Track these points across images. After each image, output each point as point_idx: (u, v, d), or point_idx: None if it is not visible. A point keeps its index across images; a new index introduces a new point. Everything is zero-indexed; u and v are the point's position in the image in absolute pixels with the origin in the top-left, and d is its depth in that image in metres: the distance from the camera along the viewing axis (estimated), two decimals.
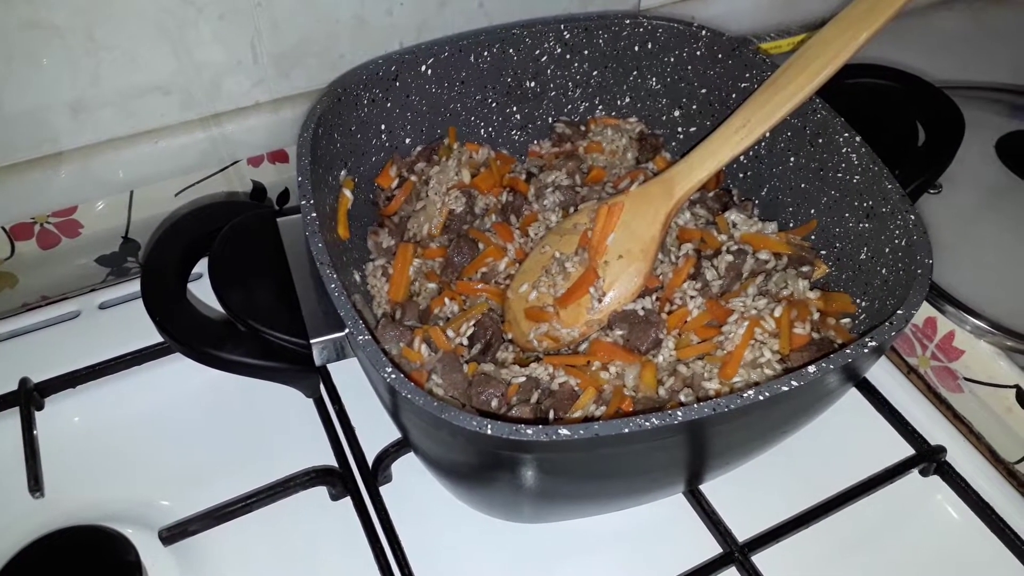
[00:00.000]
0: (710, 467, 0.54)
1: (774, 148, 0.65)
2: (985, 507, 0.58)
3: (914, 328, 0.68)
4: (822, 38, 0.56)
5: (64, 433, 0.61)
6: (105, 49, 0.61)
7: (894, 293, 0.53)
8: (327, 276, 0.48)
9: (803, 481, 0.59)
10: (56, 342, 0.65)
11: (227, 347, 0.54)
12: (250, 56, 0.66)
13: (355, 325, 0.46)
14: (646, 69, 0.70)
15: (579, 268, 0.59)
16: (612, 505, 0.56)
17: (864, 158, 0.57)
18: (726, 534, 0.56)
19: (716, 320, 0.56)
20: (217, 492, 0.57)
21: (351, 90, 0.61)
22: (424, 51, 0.64)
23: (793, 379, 0.43)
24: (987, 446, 0.64)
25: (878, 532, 0.58)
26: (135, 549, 0.53)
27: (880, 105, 0.71)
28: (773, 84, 0.57)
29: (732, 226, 0.62)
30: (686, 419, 0.41)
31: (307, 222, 0.51)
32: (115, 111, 0.65)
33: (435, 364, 0.54)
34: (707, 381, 0.53)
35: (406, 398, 0.42)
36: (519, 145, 0.72)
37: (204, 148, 0.70)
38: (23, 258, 0.70)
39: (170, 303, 0.56)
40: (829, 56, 0.55)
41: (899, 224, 0.54)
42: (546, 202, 0.64)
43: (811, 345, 0.53)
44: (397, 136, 0.66)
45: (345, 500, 0.58)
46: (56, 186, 0.66)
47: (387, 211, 0.66)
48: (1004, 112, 0.83)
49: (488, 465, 0.47)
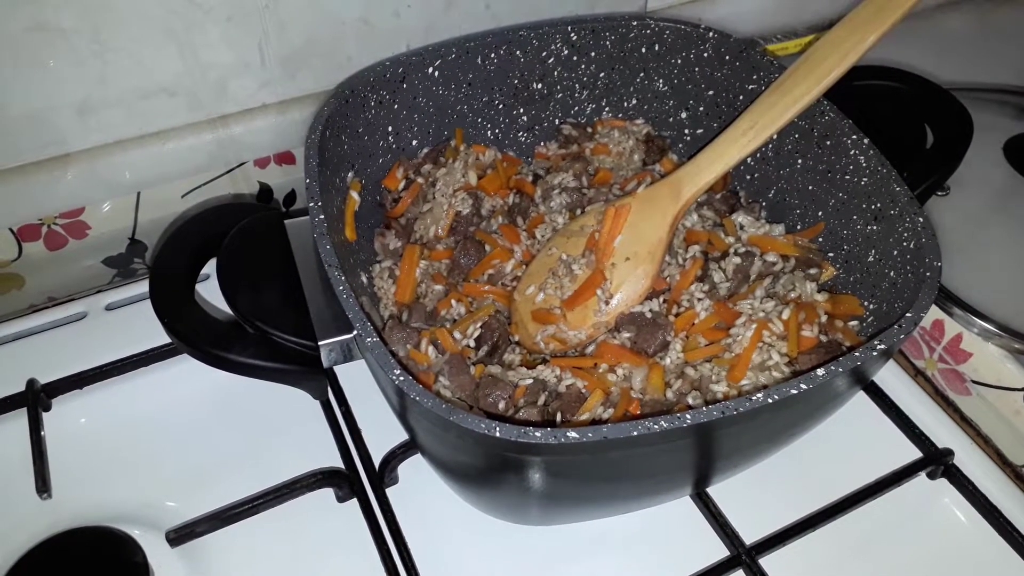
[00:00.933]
0: (718, 470, 0.54)
1: (782, 150, 0.65)
2: (993, 510, 0.58)
3: (922, 331, 0.67)
4: (830, 40, 0.56)
5: (71, 434, 0.61)
6: (111, 51, 0.61)
7: (902, 296, 0.53)
8: (335, 278, 0.48)
9: (810, 484, 0.59)
10: (63, 343, 0.66)
11: (235, 348, 0.54)
12: (257, 58, 0.66)
13: (363, 327, 0.46)
14: (653, 71, 0.70)
15: (586, 270, 0.59)
16: (619, 508, 0.56)
17: (872, 160, 0.57)
18: (733, 537, 0.56)
19: (724, 322, 0.56)
20: (224, 493, 0.57)
21: (358, 92, 0.61)
22: (431, 53, 0.64)
23: (802, 382, 0.43)
24: (995, 449, 0.64)
25: (885, 535, 0.58)
26: (142, 550, 0.53)
27: (888, 107, 0.71)
28: (781, 86, 0.57)
29: (739, 228, 0.62)
30: (695, 422, 0.41)
31: (315, 224, 0.51)
32: (122, 113, 0.65)
33: (442, 366, 0.54)
34: (715, 384, 0.52)
35: (414, 400, 0.42)
36: (526, 147, 0.72)
37: (211, 150, 0.70)
38: (30, 259, 0.70)
39: (179, 304, 0.56)
40: (837, 58, 0.55)
41: (907, 226, 0.54)
42: (553, 204, 0.64)
43: (819, 348, 0.53)
44: (404, 138, 0.66)
45: (352, 502, 0.58)
46: (63, 187, 0.66)
47: (394, 213, 0.66)
48: (1012, 114, 0.83)
49: (496, 467, 0.47)
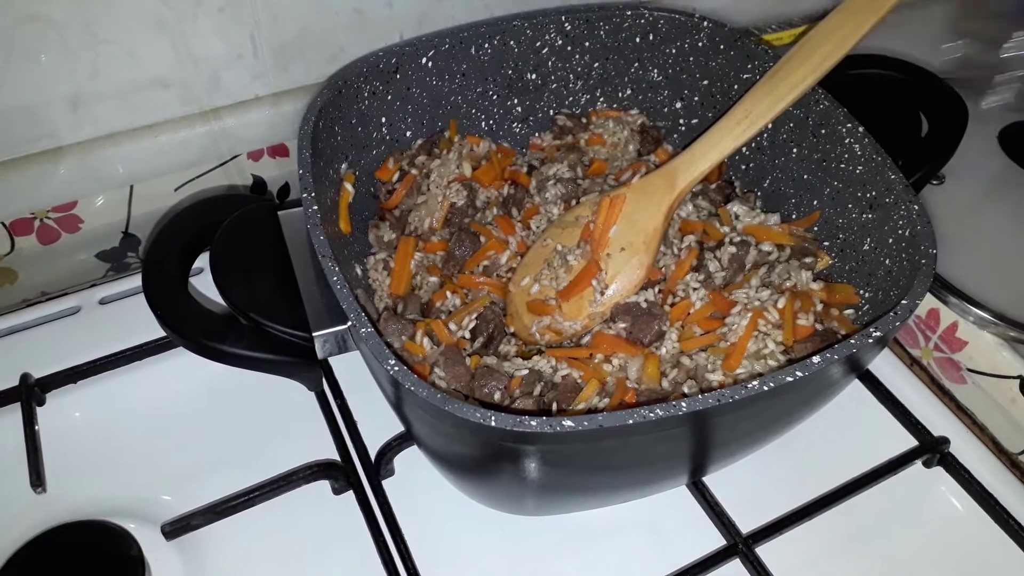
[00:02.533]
0: (713, 459, 0.54)
1: (776, 139, 0.65)
2: (989, 498, 0.58)
3: (917, 319, 0.67)
4: (824, 28, 0.56)
5: (66, 429, 0.60)
6: (103, 43, 0.60)
7: (898, 284, 0.53)
8: (329, 269, 0.48)
9: (806, 473, 0.59)
10: (57, 338, 0.65)
11: (229, 340, 0.54)
12: (250, 49, 0.66)
13: (358, 318, 0.46)
14: (647, 61, 0.70)
15: (581, 261, 0.59)
16: (615, 497, 0.56)
17: (867, 148, 0.57)
18: (730, 526, 0.56)
19: (719, 312, 0.56)
20: (219, 487, 0.56)
21: (351, 83, 0.61)
22: (424, 43, 0.63)
23: (797, 370, 0.43)
24: (991, 437, 0.64)
25: (881, 524, 0.58)
26: (138, 544, 0.53)
27: (883, 95, 0.71)
28: (775, 75, 0.57)
29: (735, 218, 0.62)
30: (690, 410, 0.41)
31: (309, 215, 0.51)
32: (114, 105, 0.64)
33: (438, 357, 0.54)
34: (711, 373, 0.52)
35: (409, 390, 0.42)
36: (520, 138, 0.72)
37: (204, 142, 0.69)
38: (23, 254, 0.70)
39: (172, 296, 0.56)
40: (831, 46, 0.55)
41: (903, 214, 0.54)
42: (548, 195, 0.64)
43: (815, 336, 0.53)
44: (398, 129, 0.66)
45: (348, 494, 0.58)
46: (55, 181, 0.66)
47: (388, 205, 0.65)
48: (1007, 103, 0.83)
49: (492, 457, 0.47)
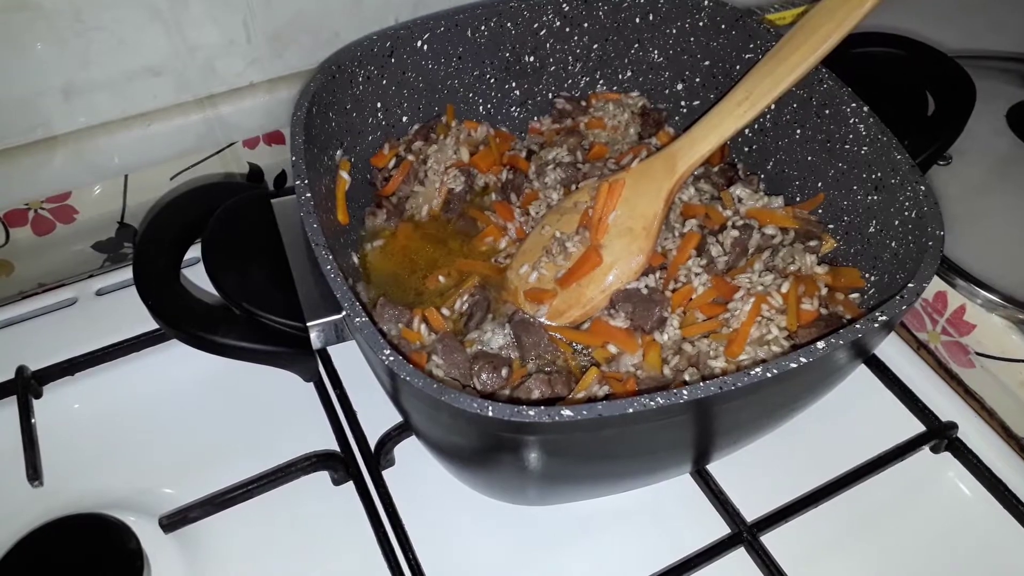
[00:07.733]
0: (717, 447, 0.53)
1: (779, 120, 0.63)
2: (998, 484, 0.57)
3: (924, 303, 0.66)
4: (826, 6, 0.55)
5: (63, 421, 0.60)
6: (94, 30, 0.59)
7: (904, 266, 0.52)
8: (323, 257, 0.47)
9: (812, 460, 0.58)
10: (53, 330, 0.65)
11: (222, 331, 0.53)
12: (243, 35, 0.65)
13: (352, 307, 0.45)
14: (648, 41, 0.69)
15: (580, 248, 0.58)
16: (618, 486, 0.55)
17: (872, 128, 0.56)
18: (734, 514, 0.55)
19: (722, 297, 0.55)
20: (218, 478, 0.56)
21: (345, 67, 0.60)
22: (420, 26, 0.62)
23: (801, 356, 0.42)
24: (1000, 422, 0.63)
25: (888, 511, 0.57)
26: (136, 536, 0.52)
27: (888, 74, 0.69)
28: (777, 55, 0.56)
29: (737, 201, 0.61)
30: (692, 398, 0.40)
31: (302, 202, 0.50)
32: (108, 94, 0.63)
33: (435, 345, 0.53)
34: (713, 359, 0.52)
35: (405, 380, 0.41)
36: (519, 122, 0.71)
37: (199, 131, 0.69)
38: (18, 245, 0.70)
39: (163, 287, 0.55)
40: (834, 24, 0.54)
41: (909, 195, 0.52)
42: (547, 180, 0.63)
43: (819, 321, 0.52)
44: (393, 114, 0.65)
45: (347, 485, 0.57)
46: (50, 171, 0.65)
47: (385, 191, 0.64)
48: (1015, 82, 0.81)
49: (491, 448, 0.46)
